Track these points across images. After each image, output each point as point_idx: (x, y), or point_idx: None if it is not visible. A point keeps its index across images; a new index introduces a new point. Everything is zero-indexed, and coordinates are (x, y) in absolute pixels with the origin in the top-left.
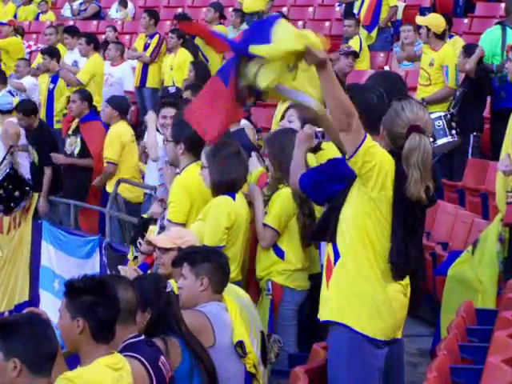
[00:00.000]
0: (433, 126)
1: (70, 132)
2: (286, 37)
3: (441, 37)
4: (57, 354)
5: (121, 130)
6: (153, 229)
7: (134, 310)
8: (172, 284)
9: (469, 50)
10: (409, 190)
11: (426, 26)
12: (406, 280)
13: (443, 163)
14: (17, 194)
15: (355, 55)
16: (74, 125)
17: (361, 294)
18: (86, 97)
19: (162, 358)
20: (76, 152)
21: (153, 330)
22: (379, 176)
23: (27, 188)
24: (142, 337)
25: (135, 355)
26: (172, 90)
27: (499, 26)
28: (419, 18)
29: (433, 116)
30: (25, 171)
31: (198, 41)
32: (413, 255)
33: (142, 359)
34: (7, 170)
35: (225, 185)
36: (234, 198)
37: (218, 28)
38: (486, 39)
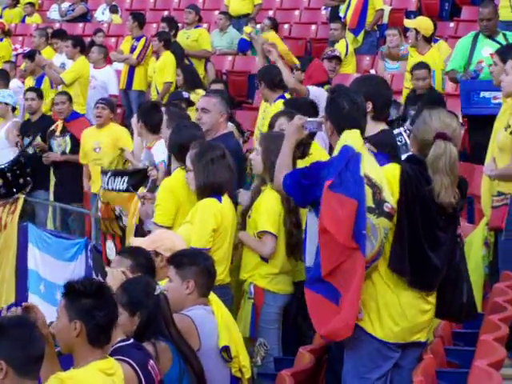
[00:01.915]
0: (460, 134)
1: (56, 134)
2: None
3: (428, 40)
4: (43, 356)
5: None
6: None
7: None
8: (162, 286)
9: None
10: (439, 196)
11: (415, 29)
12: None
13: None
14: (21, 181)
15: (338, 59)
16: (60, 126)
17: (366, 297)
18: (71, 97)
19: (151, 361)
20: (67, 151)
21: (143, 333)
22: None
23: (28, 178)
24: (131, 340)
25: (125, 359)
26: (185, 95)
27: (473, 33)
28: (407, 21)
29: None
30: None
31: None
32: (432, 265)
33: (132, 363)
34: (19, 156)
35: (210, 188)
36: (220, 200)
37: None
38: (458, 46)
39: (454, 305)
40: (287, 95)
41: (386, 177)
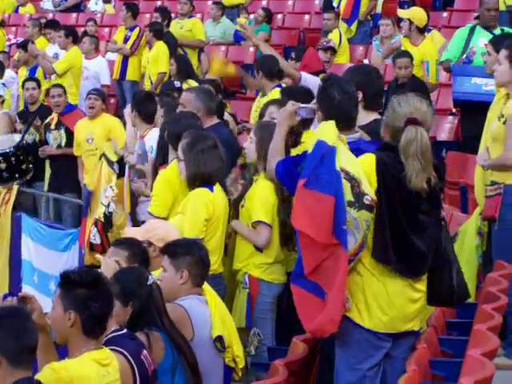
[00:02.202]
0: (432, 117)
1: (51, 127)
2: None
3: (422, 31)
4: (37, 346)
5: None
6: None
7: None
8: (155, 276)
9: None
10: (410, 181)
11: (409, 19)
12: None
13: None
14: (23, 167)
15: (333, 50)
16: (55, 119)
17: (353, 286)
18: (65, 89)
19: (144, 351)
20: (63, 144)
21: (135, 323)
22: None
23: (30, 165)
24: (125, 330)
25: (118, 349)
26: (177, 84)
27: (471, 25)
28: (401, 11)
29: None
30: None
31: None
32: (417, 250)
33: (125, 353)
34: (21, 141)
35: (200, 178)
36: (211, 189)
37: None
38: (454, 37)
39: (444, 289)
40: (283, 84)
41: (363, 168)
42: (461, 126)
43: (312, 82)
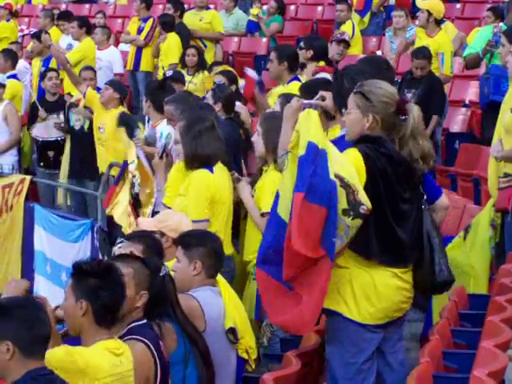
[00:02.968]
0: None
1: (77, 108)
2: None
3: (439, 22)
4: (49, 337)
5: None
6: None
7: None
8: (168, 266)
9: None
10: (415, 160)
11: (428, 10)
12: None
13: None
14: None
15: (346, 43)
16: (82, 100)
17: (340, 280)
18: None
19: (161, 342)
20: (86, 127)
21: (148, 314)
22: None
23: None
24: (145, 321)
25: (140, 338)
26: (169, 73)
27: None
28: (420, 2)
29: None
30: None
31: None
32: (400, 240)
33: (148, 342)
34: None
35: (198, 159)
36: (211, 171)
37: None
38: (478, 35)
39: (426, 276)
40: (302, 78)
41: (353, 163)
42: (483, 126)
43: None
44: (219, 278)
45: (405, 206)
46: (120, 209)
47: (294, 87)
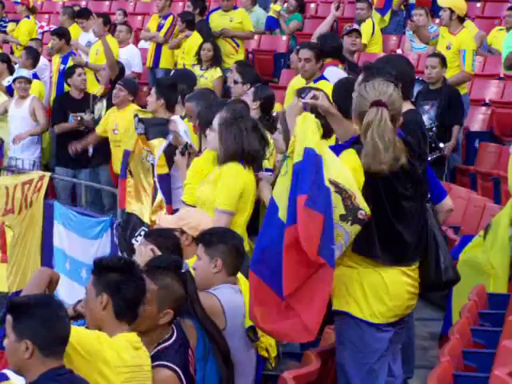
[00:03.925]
0: (397, 103)
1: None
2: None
3: (462, 20)
4: (69, 336)
5: None
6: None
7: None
8: (188, 264)
9: None
10: (365, 163)
11: (450, 8)
12: (412, 264)
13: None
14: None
15: (357, 32)
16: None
17: (349, 281)
18: None
19: (190, 351)
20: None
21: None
22: None
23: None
24: (173, 338)
25: (170, 365)
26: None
27: None
28: (442, 0)
29: None
30: None
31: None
32: (403, 239)
33: (176, 369)
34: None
35: (241, 156)
36: (244, 167)
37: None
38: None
39: (432, 274)
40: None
41: (350, 165)
42: None
43: (335, 74)
44: (240, 275)
45: (408, 204)
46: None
47: (321, 85)
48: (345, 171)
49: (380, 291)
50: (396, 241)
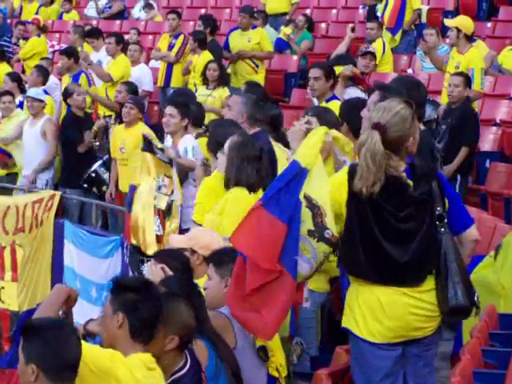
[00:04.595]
0: (399, 125)
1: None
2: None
3: (470, 38)
4: (78, 363)
5: None
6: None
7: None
8: (199, 284)
9: None
10: (354, 184)
11: (457, 28)
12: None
13: None
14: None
15: (372, 55)
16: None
17: (349, 299)
18: None
19: (203, 375)
20: None
21: None
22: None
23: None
24: (187, 366)
25: None
26: None
27: None
28: (448, 20)
29: None
30: None
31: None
32: (392, 258)
33: None
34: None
35: (237, 183)
36: (249, 192)
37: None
38: None
39: (443, 299)
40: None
41: (334, 181)
42: None
43: (354, 94)
44: None
45: (404, 225)
46: (149, 238)
47: (332, 106)
48: (324, 189)
49: (376, 310)
50: (384, 259)
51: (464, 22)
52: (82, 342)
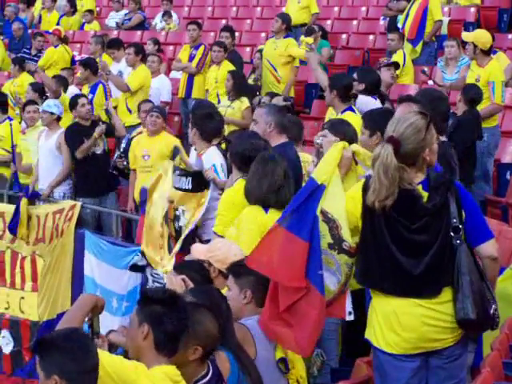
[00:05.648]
0: (413, 136)
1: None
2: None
3: (487, 53)
4: (97, 369)
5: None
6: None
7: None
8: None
9: None
10: (368, 197)
11: (473, 43)
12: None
13: None
14: None
15: (396, 65)
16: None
17: (370, 310)
18: None
19: None
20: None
21: None
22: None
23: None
24: (209, 376)
25: None
26: None
27: None
28: (465, 34)
29: None
30: None
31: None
32: (405, 270)
33: None
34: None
35: (258, 201)
36: (266, 210)
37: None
38: None
39: (459, 313)
40: (355, 107)
41: (350, 194)
42: None
43: (365, 101)
44: None
45: (417, 237)
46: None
47: (347, 117)
48: (340, 203)
49: (392, 321)
50: (398, 272)
51: (480, 37)
52: (106, 352)
